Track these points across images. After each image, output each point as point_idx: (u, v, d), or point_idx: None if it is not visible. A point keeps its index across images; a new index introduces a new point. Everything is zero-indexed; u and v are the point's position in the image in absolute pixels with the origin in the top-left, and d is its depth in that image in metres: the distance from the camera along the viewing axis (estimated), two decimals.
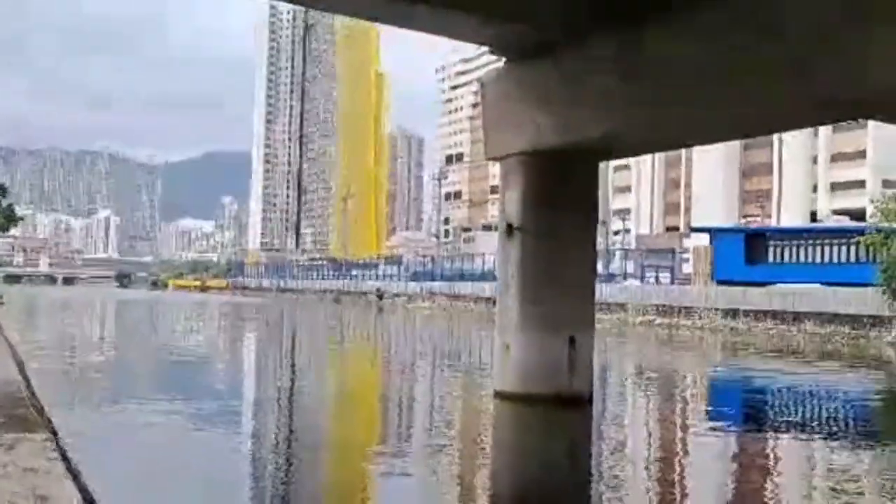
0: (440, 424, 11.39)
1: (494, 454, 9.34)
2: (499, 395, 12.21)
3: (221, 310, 51.56)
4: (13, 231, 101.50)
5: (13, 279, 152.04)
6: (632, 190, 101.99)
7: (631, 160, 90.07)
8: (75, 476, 3.66)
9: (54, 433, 6.10)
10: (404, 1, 10.78)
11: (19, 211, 71.33)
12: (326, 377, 17.60)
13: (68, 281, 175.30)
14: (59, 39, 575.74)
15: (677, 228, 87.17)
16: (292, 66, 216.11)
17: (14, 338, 15.57)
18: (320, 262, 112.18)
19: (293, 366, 20.19)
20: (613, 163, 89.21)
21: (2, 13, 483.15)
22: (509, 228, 12.32)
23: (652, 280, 45.10)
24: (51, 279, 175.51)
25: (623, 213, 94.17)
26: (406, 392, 14.83)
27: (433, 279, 60.64)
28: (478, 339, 27.40)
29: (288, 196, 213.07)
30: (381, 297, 62.41)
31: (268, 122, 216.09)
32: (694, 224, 66.21)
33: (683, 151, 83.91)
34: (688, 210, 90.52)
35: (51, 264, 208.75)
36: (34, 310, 45.76)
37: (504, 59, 12.76)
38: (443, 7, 10.74)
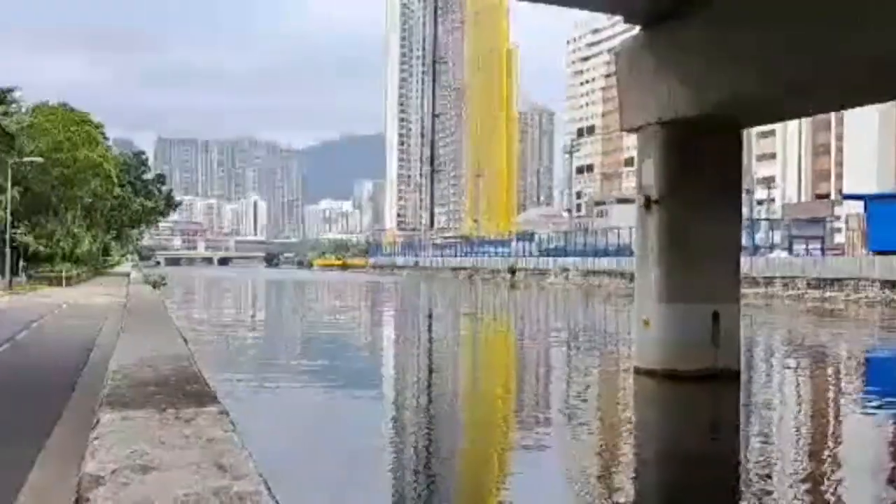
0: (581, 404, 11.31)
1: (640, 432, 9.24)
2: (639, 372, 12.05)
3: (365, 287, 53.38)
4: (173, 216, 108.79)
5: (173, 261, 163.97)
6: (777, 157, 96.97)
7: (777, 125, 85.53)
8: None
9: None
10: None
11: (177, 196, 76.52)
12: (465, 352, 17.88)
13: (223, 262, 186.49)
14: (179, 27, 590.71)
15: (827, 196, 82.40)
16: (423, 46, 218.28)
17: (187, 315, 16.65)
18: (454, 241, 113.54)
19: (431, 340, 20.59)
20: (756, 129, 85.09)
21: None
22: (647, 201, 12.06)
23: (801, 251, 42.87)
24: (208, 261, 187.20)
25: (768, 181, 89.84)
26: (543, 370, 14.83)
27: (566, 255, 60.03)
28: (613, 315, 26.99)
29: (422, 176, 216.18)
30: (513, 273, 62.45)
31: (400, 103, 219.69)
32: (846, 191, 62.43)
33: (833, 114, 78.84)
34: (839, 176, 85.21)
35: (206, 247, 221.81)
36: (205, 290, 48.79)
37: (638, 28, 12.48)
38: None
